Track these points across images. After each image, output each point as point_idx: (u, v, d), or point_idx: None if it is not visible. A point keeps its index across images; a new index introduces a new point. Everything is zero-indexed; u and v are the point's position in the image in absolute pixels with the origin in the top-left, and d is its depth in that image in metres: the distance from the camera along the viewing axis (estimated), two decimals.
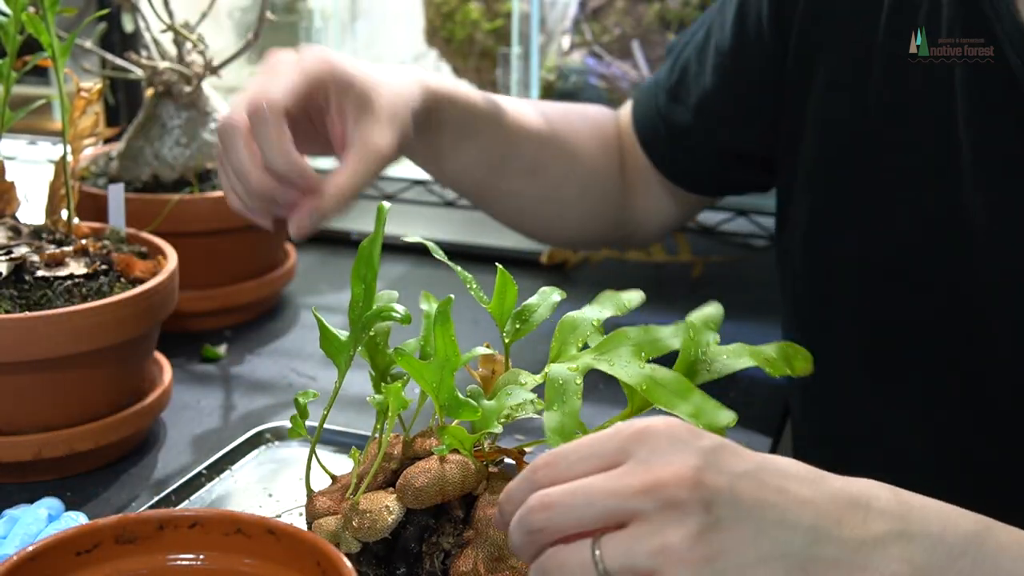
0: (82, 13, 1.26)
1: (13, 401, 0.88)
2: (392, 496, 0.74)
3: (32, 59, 0.95)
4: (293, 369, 1.10)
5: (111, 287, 0.91)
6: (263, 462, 0.92)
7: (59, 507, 0.83)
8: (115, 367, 0.91)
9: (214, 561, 0.65)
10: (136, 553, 0.65)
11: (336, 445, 0.92)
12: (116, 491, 0.89)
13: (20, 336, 0.84)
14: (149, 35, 1.17)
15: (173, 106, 1.17)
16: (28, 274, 0.89)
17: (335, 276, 1.33)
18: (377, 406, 0.77)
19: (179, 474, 0.91)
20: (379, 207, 0.76)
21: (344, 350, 0.77)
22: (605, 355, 0.74)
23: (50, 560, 0.62)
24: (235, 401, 1.04)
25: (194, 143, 1.17)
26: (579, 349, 0.77)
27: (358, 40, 1.55)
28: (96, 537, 0.64)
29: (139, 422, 0.93)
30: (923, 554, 0.57)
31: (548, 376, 0.74)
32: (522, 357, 0.83)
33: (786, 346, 0.75)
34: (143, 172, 1.16)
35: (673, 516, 0.54)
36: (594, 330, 0.77)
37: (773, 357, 0.74)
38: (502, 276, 0.78)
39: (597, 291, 0.79)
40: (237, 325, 1.19)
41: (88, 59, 1.31)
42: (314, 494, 0.78)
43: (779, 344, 0.75)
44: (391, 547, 0.75)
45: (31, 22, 0.90)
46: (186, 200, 1.12)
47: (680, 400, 0.73)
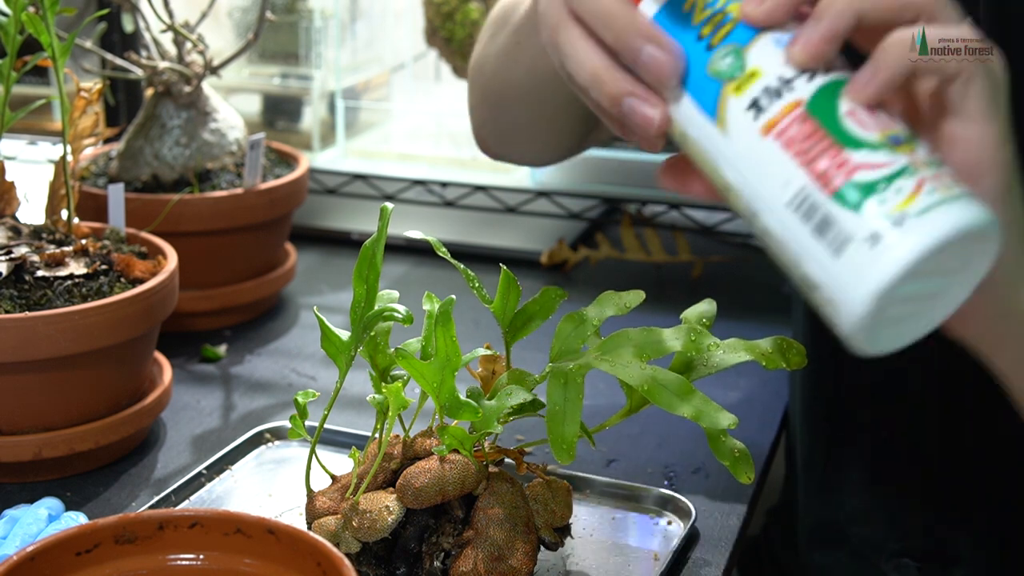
0: (82, 13, 1.26)
1: (13, 401, 0.87)
2: (392, 496, 0.74)
3: (32, 59, 0.95)
4: (293, 369, 1.10)
5: (111, 287, 0.91)
6: (263, 462, 0.92)
7: (59, 507, 0.83)
8: (115, 367, 0.91)
9: (214, 561, 0.65)
10: (136, 553, 0.65)
11: (336, 445, 0.92)
12: (116, 491, 0.89)
13: (20, 336, 0.84)
14: (149, 35, 1.17)
15: (173, 106, 1.17)
16: (28, 274, 0.89)
17: (335, 276, 1.33)
18: (377, 406, 0.77)
19: (179, 474, 0.91)
20: (383, 208, 0.76)
21: (345, 350, 0.77)
22: (606, 355, 0.74)
23: (50, 560, 0.62)
24: (235, 401, 1.04)
25: (194, 143, 1.17)
26: (579, 349, 0.77)
27: (358, 40, 1.55)
28: (96, 537, 0.64)
29: (139, 422, 0.93)
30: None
31: (549, 376, 0.74)
32: (523, 357, 0.83)
33: (780, 340, 0.75)
34: (143, 172, 1.16)
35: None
36: (594, 330, 0.77)
37: (768, 351, 0.75)
38: (505, 276, 0.78)
39: (597, 291, 0.79)
40: (237, 325, 1.19)
41: (88, 59, 1.31)
42: (314, 494, 0.78)
43: (774, 338, 0.75)
44: (391, 547, 0.75)
45: (31, 22, 0.90)
46: (186, 200, 1.12)
47: (681, 401, 0.73)
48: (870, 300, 0.48)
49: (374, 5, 1.55)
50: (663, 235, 1.41)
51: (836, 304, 0.49)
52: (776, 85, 0.51)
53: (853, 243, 0.48)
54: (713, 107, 0.53)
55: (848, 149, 0.49)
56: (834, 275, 0.49)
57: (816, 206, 0.49)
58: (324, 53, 1.47)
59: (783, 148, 0.50)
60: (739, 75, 0.52)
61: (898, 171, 0.49)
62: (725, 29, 0.53)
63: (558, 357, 0.77)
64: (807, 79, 0.51)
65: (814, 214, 0.49)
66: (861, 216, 0.48)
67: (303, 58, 1.47)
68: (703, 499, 0.88)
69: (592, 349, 0.75)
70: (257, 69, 1.50)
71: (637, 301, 0.78)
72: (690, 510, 0.84)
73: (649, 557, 0.81)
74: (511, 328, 0.79)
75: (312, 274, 1.33)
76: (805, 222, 0.49)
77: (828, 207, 0.49)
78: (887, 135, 0.50)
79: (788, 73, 0.51)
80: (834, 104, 0.51)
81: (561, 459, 0.72)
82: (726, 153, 0.52)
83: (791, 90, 0.51)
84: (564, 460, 0.72)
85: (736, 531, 0.85)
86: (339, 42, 1.48)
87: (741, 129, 0.52)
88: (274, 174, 1.21)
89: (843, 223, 0.48)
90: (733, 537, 0.84)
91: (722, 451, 0.75)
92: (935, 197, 0.48)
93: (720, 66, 0.53)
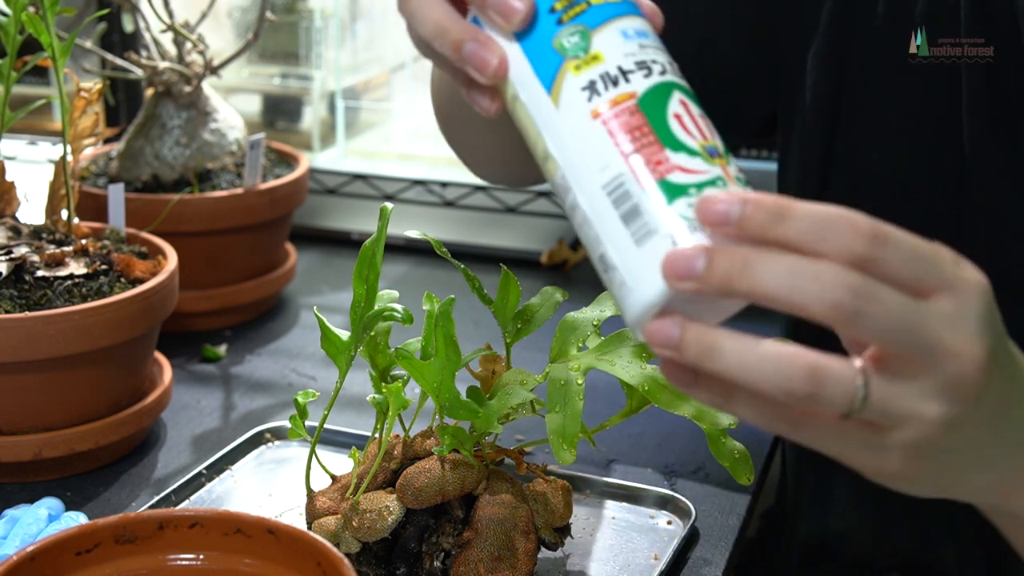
0: (82, 13, 1.26)
1: (13, 401, 0.87)
2: (392, 496, 0.74)
3: (32, 59, 0.95)
4: (293, 369, 1.10)
5: (111, 287, 0.91)
6: (263, 462, 0.92)
7: (59, 507, 0.83)
8: (115, 367, 0.91)
9: (214, 561, 0.65)
10: (136, 553, 0.65)
11: (336, 445, 0.92)
12: (116, 491, 0.89)
13: (20, 336, 0.84)
14: (149, 35, 1.17)
15: (173, 106, 1.17)
16: (28, 274, 0.89)
17: (335, 276, 1.33)
18: (377, 406, 0.77)
19: (179, 474, 0.91)
20: (382, 208, 0.76)
21: (345, 350, 0.77)
22: (606, 355, 0.74)
23: (50, 560, 0.62)
24: (235, 401, 1.04)
25: (194, 143, 1.17)
26: (579, 349, 0.77)
27: (358, 40, 1.55)
28: (96, 537, 0.64)
29: (139, 422, 0.93)
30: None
31: (549, 376, 0.74)
32: (523, 357, 0.83)
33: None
34: (143, 172, 1.16)
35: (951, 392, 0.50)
36: (594, 330, 0.77)
37: None
38: (506, 276, 0.78)
39: (597, 291, 0.79)
40: (237, 325, 1.19)
41: (88, 59, 1.31)
42: (314, 494, 0.78)
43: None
44: (391, 547, 0.75)
45: (31, 22, 0.90)
46: (186, 200, 1.12)
47: (681, 401, 0.73)
48: (659, 294, 0.50)
49: (374, 5, 1.55)
50: None
51: (628, 289, 0.51)
52: (614, 74, 0.53)
53: (655, 237, 0.50)
54: (550, 80, 0.55)
55: (668, 149, 0.52)
56: (632, 262, 0.51)
57: (628, 195, 0.51)
58: (324, 53, 1.47)
59: (608, 134, 0.52)
60: (582, 56, 0.54)
61: (710, 180, 0.51)
62: (578, 8, 0.55)
63: (558, 357, 0.77)
64: (644, 75, 0.54)
65: (625, 202, 0.51)
66: (667, 214, 0.50)
67: (303, 58, 1.47)
68: (703, 499, 0.88)
69: (592, 349, 0.75)
70: (257, 69, 1.50)
71: None
72: (690, 510, 0.84)
73: (649, 557, 0.81)
74: (511, 328, 0.79)
75: (312, 274, 1.33)
76: (615, 207, 0.52)
77: (639, 198, 0.51)
78: (705, 145, 0.52)
79: (628, 65, 0.54)
80: (664, 105, 0.53)
81: (561, 459, 0.72)
82: (553, 126, 0.54)
83: (627, 82, 0.53)
84: (564, 460, 0.72)
85: (736, 531, 0.85)
86: (339, 42, 1.48)
87: (573, 107, 0.54)
88: (274, 174, 1.21)
89: (650, 216, 0.51)
90: (733, 537, 0.84)
91: (722, 452, 0.75)
92: None
93: (565, 43, 0.55)
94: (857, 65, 0.87)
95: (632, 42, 0.54)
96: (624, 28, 0.55)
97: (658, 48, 0.55)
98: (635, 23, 0.55)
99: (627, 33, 0.55)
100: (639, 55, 0.54)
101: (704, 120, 0.54)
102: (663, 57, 0.55)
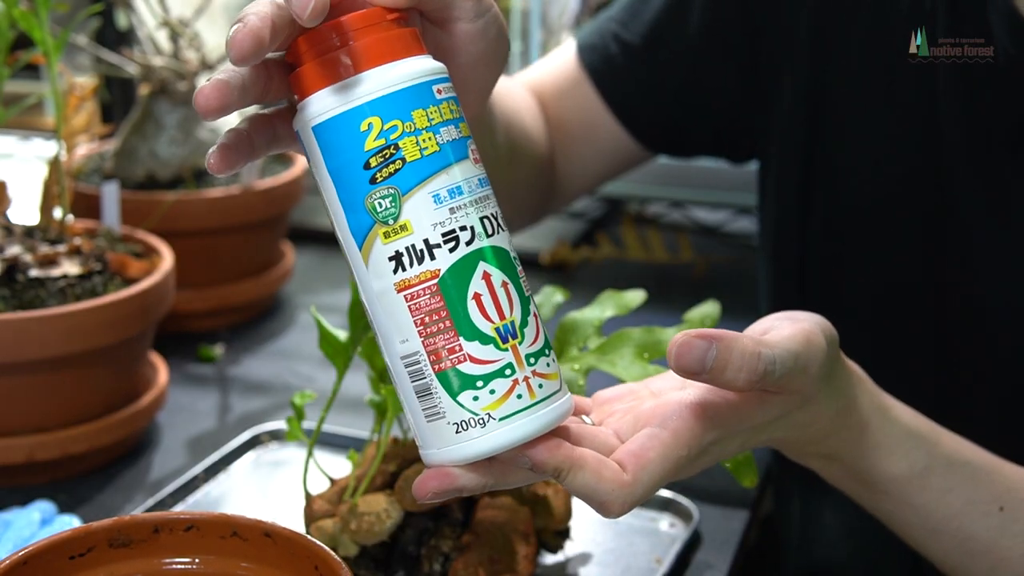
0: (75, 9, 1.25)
1: (5, 402, 0.87)
2: (391, 499, 0.74)
3: (25, 55, 0.94)
4: (291, 370, 1.10)
5: (105, 287, 0.91)
6: (260, 464, 0.91)
7: (52, 510, 0.83)
8: (110, 368, 0.90)
9: (210, 565, 0.65)
10: (130, 557, 0.64)
11: (334, 447, 0.91)
12: (110, 494, 0.89)
13: (12, 337, 0.84)
14: (144, 31, 1.17)
15: (168, 103, 1.16)
16: (21, 274, 0.88)
17: (333, 276, 1.32)
18: (376, 408, 0.77)
19: (174, 476, 0.90)
20: None
21: (343, 351, 0.76)
22: (607, 355, 0.73)
23: (43, 564, 0.62)
24: (231, 402, 1.03)
25: (190, 141, 1.16)
26: (580, 349, 0.76)
27: None
28: (90, 541, 0.63)
29: (134, 424, 0.92)
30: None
31: None
32: None
33: None
34: (138, 170, 1.15)
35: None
36: (595, 330, 0.76)
37: None
38: None
39: (598, 291, 0.79)
40: (234, 325, 1.18)
41: (82, 56, 1.30)
42: (312, 497, 0.77)
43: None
44: (389, 550, 0.75)
45: (24, 18, 0.89)
46: (182, 199, 1.11)
47: None
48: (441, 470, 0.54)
49: None
50: (665, 234, 1.40)
51: (421, 446, 0.55)
52: (420, 248, 0.53)
53: (443, 420, 0.53)
54: (362, 239, 0.54)
55: (462, 338, 0.53)
56: (424, 431, 0.54)
57: (422, 373, 0.54)
58: None
59: (409, 313, 0.53)
60: (391, 224, 0.53)
61: (498, 370, 0.53)
62: (392, 168, 0.53)
63: (559, 357, 0.76)
64: (451, 249, 0.53)
65: (419, 378, 0.54)
66: (455, 404, 0.53)
67: None
68: (705, 502, 0.87)
69: (593, 349, 0.75)
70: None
71: (638, 301, 0.78)
72: (692, 513, 0.83)
73: (651, 560, 0.80)
74: None
75: (310, 274, 1.33)
76: (411, 380, 0.54)
77: (431, 381, 0.53)
78: (498, 326, 0.53)
79: (435, 239, 0.53)
80: (466, 284, 0.53)
81: None
82: (365, 281, 0.55)
83: (432, 259, 0.53)
84: None
85: (739, 534, 0.84)
86: None
87: (380, 274, 0.54)
88: (271, 172, 1.20)
89: (440, 401, 0.53)
90: (736, 540, 0.84)
91: None
92: (519, 404, 0.53)
93: (377, 206, 0.54)
94: (833, 96, 0.89)
95: (443, 208, 0.53)
96: (436, 191, 0.53)
97: (473, 201, 0.54)
98: (450, 178, 0.53)
99: (439, 197, 0.53)
100: (448, 223, 0.53)
101: (505, 290, 0.54)
102: (475, 215, 0.54)
